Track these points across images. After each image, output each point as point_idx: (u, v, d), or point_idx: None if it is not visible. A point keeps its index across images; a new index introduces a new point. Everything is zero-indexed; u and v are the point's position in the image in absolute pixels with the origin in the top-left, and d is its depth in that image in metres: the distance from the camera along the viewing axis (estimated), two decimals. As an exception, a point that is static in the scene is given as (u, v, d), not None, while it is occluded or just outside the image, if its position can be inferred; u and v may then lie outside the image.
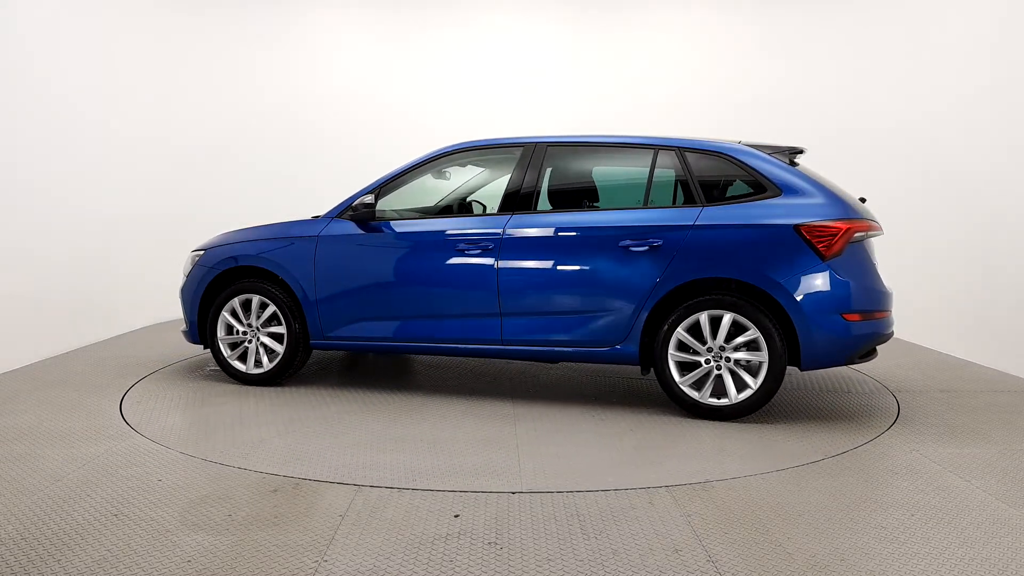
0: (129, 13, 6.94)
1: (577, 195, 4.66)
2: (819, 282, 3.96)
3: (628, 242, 4.20)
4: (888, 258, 5.01)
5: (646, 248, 4.16)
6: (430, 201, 5.34)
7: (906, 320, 5.63)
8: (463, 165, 5.03)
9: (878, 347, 4.27)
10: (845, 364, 4.11)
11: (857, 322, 4.01)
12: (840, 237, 3.96)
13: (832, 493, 3.18)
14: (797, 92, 7.53)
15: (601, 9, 7.93)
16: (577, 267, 4.30)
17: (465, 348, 4.55)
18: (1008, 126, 5.49)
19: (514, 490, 3.19)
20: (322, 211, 4.96)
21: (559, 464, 3.53)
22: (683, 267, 4.11)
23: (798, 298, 3.96)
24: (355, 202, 4.67)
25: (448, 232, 4.52)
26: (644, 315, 4.18)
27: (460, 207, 5.27)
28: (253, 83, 7.73)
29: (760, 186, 4.15)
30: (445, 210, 5.23)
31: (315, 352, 5.59)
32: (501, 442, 3.84)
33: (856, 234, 4.03)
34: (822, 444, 3.81)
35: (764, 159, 4.22)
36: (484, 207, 5.24)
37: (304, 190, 7.53)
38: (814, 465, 3.52)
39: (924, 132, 6.43)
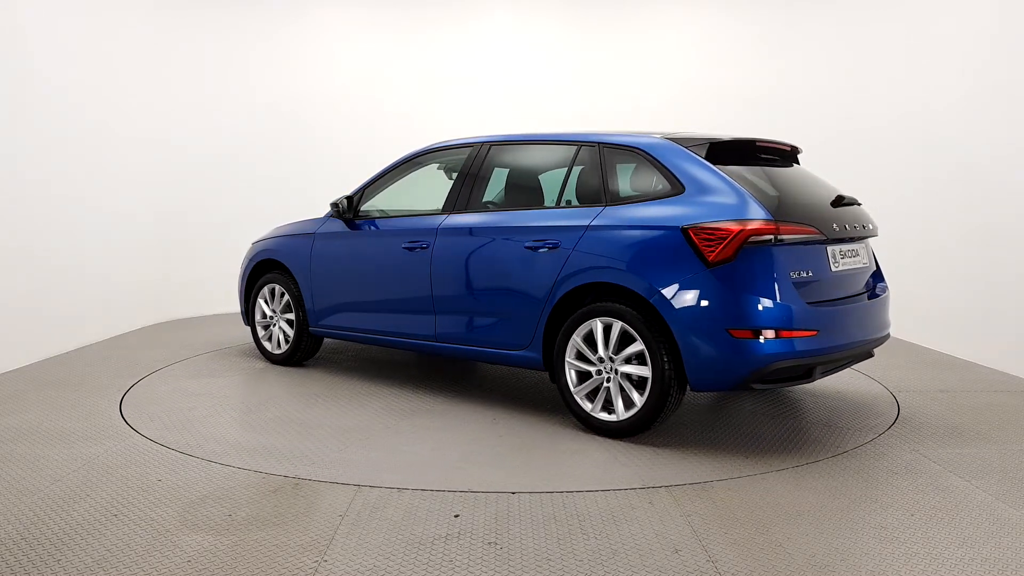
0: (128, 13, 6.94)
1: (515, 194, 4.56)
2: (700, 292, 3.50)
3: (531, 243, 4.07)
4: (888, 258, 5.02)
5: (545, 250, 4.01)
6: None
7: (906, 320, 5.64)
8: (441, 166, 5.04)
9: (860, 366, 3.81)
10: (745, 387, 3.57)
11: (749, 340, 3.45)
12: (730, 241, 3.46)
13: (832, 493, 3.18)
14: (797, 91, 7.53)
15: (601, 9, 7.93)
16: (490, 267, 4.26)
17: (410, 343, 4.74)
18: (1009, 124, 5.49)
19: (513, 490, 3.19)
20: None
21: (387, 459, 3.55)
22: (575, 271, 3.88)
23: (678, 309, 3.53)
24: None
25: (401, 230, 4.71)
26: (544, 319, 4.01)
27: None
28: (254, 83, 7.73)
29: (668, 183, 3.80)
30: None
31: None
32: (359, 432, 3.96)
33: (755, 238, 3.47)
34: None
35: (676, 153, 3.82)
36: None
37: (304, 189, 7.54)
38: (814, 465, 3.52)
39: (925, 131, 6.43)
